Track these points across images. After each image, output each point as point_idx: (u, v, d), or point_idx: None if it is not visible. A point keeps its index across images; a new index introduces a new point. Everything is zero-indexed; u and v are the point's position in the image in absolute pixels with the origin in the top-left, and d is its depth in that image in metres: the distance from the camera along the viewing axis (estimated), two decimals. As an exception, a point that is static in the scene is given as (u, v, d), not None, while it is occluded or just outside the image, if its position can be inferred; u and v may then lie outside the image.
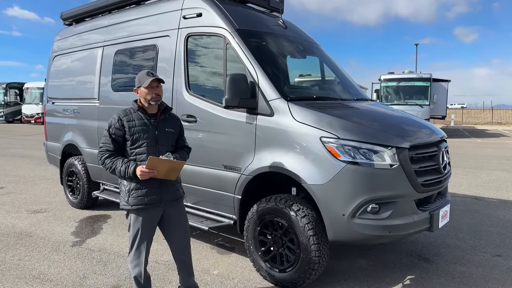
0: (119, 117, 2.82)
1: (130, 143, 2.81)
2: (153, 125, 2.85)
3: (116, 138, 2.81)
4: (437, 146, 3.78)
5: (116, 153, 2.82)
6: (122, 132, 2.80)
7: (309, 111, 3.53)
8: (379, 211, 3.29)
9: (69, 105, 6.13)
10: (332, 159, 3.26)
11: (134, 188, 2.79)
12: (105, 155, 2.81)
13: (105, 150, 2.82)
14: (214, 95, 4.08)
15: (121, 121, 2.80)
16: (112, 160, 2.78)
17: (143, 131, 2.81)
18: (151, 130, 2.83)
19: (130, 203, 2.80)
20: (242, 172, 3.77)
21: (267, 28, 4.52)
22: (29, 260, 4.12)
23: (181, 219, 3.00)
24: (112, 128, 2.81)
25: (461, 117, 38.78)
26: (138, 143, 2.80)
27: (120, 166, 2.74)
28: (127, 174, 2.72)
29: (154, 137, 2.83)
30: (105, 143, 2.83)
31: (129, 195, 2.80)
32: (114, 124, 2.81)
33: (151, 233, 2.93)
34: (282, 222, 3.46)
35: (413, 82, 20.05)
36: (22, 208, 6.16)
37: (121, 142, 2.83)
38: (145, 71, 2.87)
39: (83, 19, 6.27)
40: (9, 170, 9.64)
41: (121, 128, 2.79)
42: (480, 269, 3.97)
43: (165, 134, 2.90)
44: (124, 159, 2.79)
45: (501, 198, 7.03)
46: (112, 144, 2.80)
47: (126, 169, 2.72)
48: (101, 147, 2.85)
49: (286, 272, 3.48)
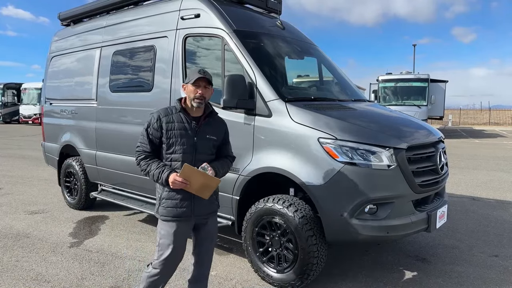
0: (158, 117, 2.60)
1: (166, 147, 2.59)
2: (193, 130, 2.60)
3: (152, 139, 2.60)
4: (435, 146, 3.80)
5: (153, 154, 2.62)
6: (159, 134, 2.58)
7: (307, 112, 3.54)
8: (377, 211, 3.31)
9: (67, 105, 6.12)
10: (330, 160, 3.27)
11: (166, 197, 2.59)
12: (141, 156, 2.62)
13: (141, 151, 2.63)
14: (212, 95, 4.07)
15: (160, 121, 2.58)
16: (148, 163, 2.59)
17: (181, 135, 2.56)
18: (190, 136, 2.58)
19: (160, 213, 2.62)
20: (240, 173, 3.78)
21: (265, 29, 4.53)
22: (26, 261, 4.11)
23: (207, 237, 2.76)
24: (150, 128, 2.60)
25: (458, 117, 38.87)
26: (173, 148, 2.57)
27: (154, 170, 2.54)
28: (160, 180, 2.53)
29: (193, 144, 2.59)
30: (142, 143, 2.63)
31: (160, 204, 2.62)
32: (153, 124, 2.60)
33: (182, 247, 2.66)
34: (280, 223, 3.47)
35: (410, 82, 20.10)
36: (19, 209, 6.15)
37: (158, 144, 2.62)
38: (198, 68, 2.66)
39: (81, 20, 6.27)
40: (7, 171, 9.61)
41: (158, 129, 2.58)
42: (478, 269, 3.99)
43: (205, 142, 2.63)
44: (159, 162, 2.59)
45: (499, 198, 7.05)
46: (149, 144, 2.61)
47: (160, 174, 2.52)
48: (138, 146, 2.65)
49: (284, 273, 3.49)
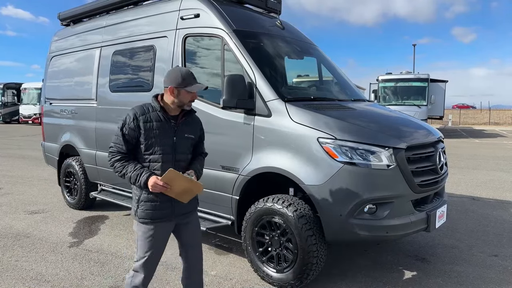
0: (135, 115, 2.45)
1: (144, 148, 2.46)
2: (172, 130, 2.50)
3: (128, 139, 2.45)
4: (434, 146, 3.81)
5: (128, 155, 2.48)
6: (136, 134, 2.44)
7: (306, 111, 3.54)
8: (376, 211, 3.31)
9: (66, 105, 6.12)
10: (329, 160, 3.27)
11: (145, 200, 2.47)
12: (115, 157, 2.46)
13: (116, 151, 2.47)
14: (211, 95, 4.08)
15: (137, 121, 2.44)
16: (123, 164, 2.44)
17: (160, 135, 2.45)
18: (169, 136, 2.48)
19: (138, 215, 2.50)
20: (239, 172, 3.78)
21: (265, 29, 4.53)
22: (26, 261, 4.11)
23: (193, 238, 2.70)
24: (126, 128, 2.44)
25: (458, 117, 38.86)
26: (152, 149, 2.45)
27: (131, 172, 2.41)
28: (138, 183, 2.40)
29: (172, 144, 2.49)
30: (116, 143, 2.46)
31: (138, 206, 2.49)
32: (129, 123, 2.44)
33: (161, 248, 2.59)
34: (279, 223, 3.47)
35: (410, 82, 20.09)
36: (19, 209, 6.15)
37: (135, 144, 2.48)
38: (189, 71, 2.52)
39: (81, 20, 6.27)
40: (7, 170, 9.61)
41: (136, 128, 2.43)
42: (477, 269, 3.99)
43: (184, 141, 2.55)
44: (136, 164, 2.45)
45: (498, 198, 7.05)
46: (125, 145, 2.45)
47: (138, 177, 2.39)
48: (111, 147, 2.49)
49: (284, 273, 3.49)
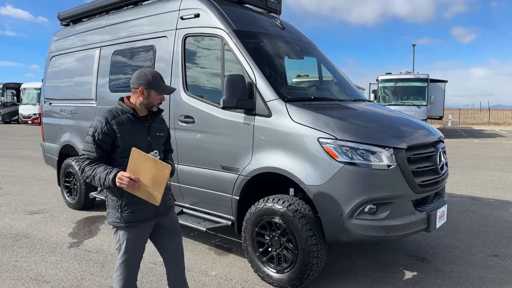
0: (106, 120, 2.39)
1: (120, 152, 2.41)
2: (145, 130, 2.51)
3: (102, 145, 2.38)
4: (434, 146, 3.80)
5: (99, 161, 2.40)
6: (111, 139, 2.38)
7: (306, 112, 3.54)
8: (376, 211, 3.30)
9: (66, 105, 6.12)
10: (330, 160, 3.27)
11: (127, 204, 2.43)
12: (85, 162, 2.40)
13: (86, 158, 2.42)
14: (212, 95, 4.08)
15: (109, 125, 2.37)
16: (93, 167, 2.36)
17: (135, 137, 2.44)
18: (143, 136, 2.48)
19: (124, 220, 2.44)
20: (240, 172, 3.77)
21: (265, 29, 4.53)
22: (26, 262, 4.10)
23: (174, 236, 2.70)
24: (97, 133, 2.36)
25: (458, 117, 38.88)
26: (128, 152, 2.35)
27: (101, 173, 2.33)
28: (106, 181, 2.29)
29: (147, 144, 2.48)
30: (87, 150, 2.40)
31: (122, 211, 2.44)
32: (102, 128, 2.37)
33: (143, 249, 2.60)
34: (280, 223, 3.46)
35: (410, 82, 20.10)
36: (19, 209, 6.14)
37: (108, 150, 2.41)
38: (158, 73, 2.51)
39: (80, 20, 6.26)
40: (6, 171, 9.60)
41: (110, 133, 2.37)
42: (477, 269, 3.99)
43: (156, 140, 2.58)
44: (107, 166, 2.37)
45: (498, 198, 7.05)
46: (96, 151, 2.38)
47: (106, 175, 2.30)
48: (82, 154, 2.44)
49: (284, 273, 3.48)
